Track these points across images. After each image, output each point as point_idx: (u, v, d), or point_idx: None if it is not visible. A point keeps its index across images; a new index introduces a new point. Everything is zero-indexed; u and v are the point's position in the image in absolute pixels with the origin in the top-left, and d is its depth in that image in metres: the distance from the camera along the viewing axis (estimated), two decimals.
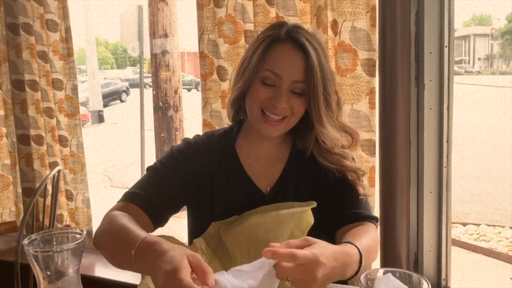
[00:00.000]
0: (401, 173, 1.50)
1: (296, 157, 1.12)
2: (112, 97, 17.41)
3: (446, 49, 1.42)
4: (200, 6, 1.75)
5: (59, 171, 1.76)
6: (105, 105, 14.97)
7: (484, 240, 4.33)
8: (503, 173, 6.40)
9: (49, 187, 2.17)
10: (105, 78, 19.96)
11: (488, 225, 4.62)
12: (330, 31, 1.56)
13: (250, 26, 1.69)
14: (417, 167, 1.50)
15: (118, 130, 11.99)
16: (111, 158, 8.66)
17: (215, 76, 1.78)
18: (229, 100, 1.10)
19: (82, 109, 12.89)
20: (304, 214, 0.92)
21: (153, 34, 5.62)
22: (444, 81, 1.43)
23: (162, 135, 5.90)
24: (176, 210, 1.08)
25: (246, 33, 1.70)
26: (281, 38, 1.01)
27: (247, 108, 1.06)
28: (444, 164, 1.47)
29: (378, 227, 1.12)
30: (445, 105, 1.44)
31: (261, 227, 0.89)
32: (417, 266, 1.53)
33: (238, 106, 1.10)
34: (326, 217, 1.02)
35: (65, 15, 2.13)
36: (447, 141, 1.46)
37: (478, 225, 4.63)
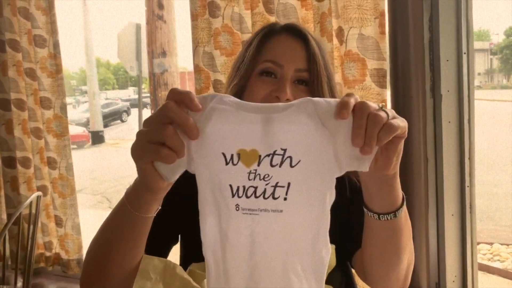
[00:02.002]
0: (418, 194, 1.36)
1: None
2: (113, 117, 17.36)
3: (464, 56, 1.29)
4: (194, 17, 1.64)
5: (38, 197, 1.61)
6: (106, 125, 14.90)
7: (498, 260, 4.13)
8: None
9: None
10: (106, 99, 19.98)
11: (502, 244, 4.42)
12: (335, 40, 1.43)
13: (248, 37, 1.57)
14: (436, 187, 1.35)
15: (118, 150, 11.88)
16: (111, 179, 8.52)
17: (211, 91, 1.65)
18: None
19: (83, 130, 12.83)
20: None
21: (151, 53, 5.55)
22: (464, 91, 1.30)
23: None
24: (176, 241, 0.94)
25: (241, 48, 1.58)
26: (277, 30, 0.89)
27: None
28: (467, 183, 1.32)
29: None
30: (466, 118, 1.30)
31: None
32: None
33: None
34: (342, 238, 0.84)
35: (53, 30, 2.02)
36: (469, 158, 1.31)
37: (491, 244, 4.43)
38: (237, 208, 0.53)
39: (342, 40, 1.41)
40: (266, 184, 0.52)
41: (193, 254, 0.89)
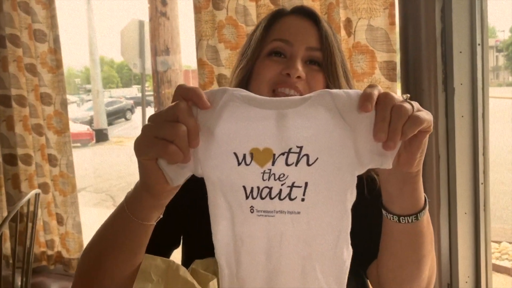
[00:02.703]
0: (430, 192, 1.30)
1: None
2: (117, 115, 17.36)
3: (479, 48, 1.24)
4: (197, 9, 1.59)
5: (36, 195, 1.57)
6: (110, 124, 14.91)
7: (507, 259, 4.07)
8: None
9: (39, 211, 1.99)
10: (110, 97, 19.99)
11: (510, 243, 4.36)
12: (343, 31, 1.38)
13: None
14: (448, 184, 1.30)
15: (122, 149, 11.88)
16: (115, 177, 8.51)
17: (215, 86, 1.60)
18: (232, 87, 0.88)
19: (87, 128, 12.83)
20: None
21: (154, 50, 5.51)
22: (478, 84, 1.24)
23: None
24: (178, 244, 0.89)
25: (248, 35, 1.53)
26: (285, 12, 0.83)
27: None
28: (481, 180, 1.27)
29: None
30: (480, 112, 1.25)
31: None
32: None
33: None
34: (359, 244, 0.77)
35: (53, 25, 1.98)
36: (484, 154, 1.26)
37: (499, 242, 4.37)
38: (252, 210, 0.50)
39: (350, 32, 1.36)
40: (282, 184, 0.49)
41: (196, 256, 0.84)
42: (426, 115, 0.48)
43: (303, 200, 0.49)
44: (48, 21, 1.98)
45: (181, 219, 0.89)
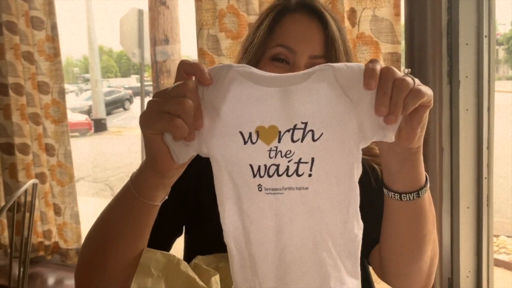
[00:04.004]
0: (432, 186, 1.28)
1: None
2: (115, 105, 17.29)
3: (485, 40, 1.21)
4: None
5: (34, 185, 1.55)
6: (108, 113, 14.85)
7: (504, 252, 4.08)
8: None
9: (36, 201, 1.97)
10: (109, 87, 19.89)
11: (508, 236, 4.37)
12: (347, 22, 1.35)
13: (255, 19, 1.49)
14: (451, 178, 1.28)
15: (121, 138, 11.85)
16: (113, 167, 8.50)
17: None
18: None
19: (85, 117, 12.78)
20: None
21: (154, 40, 5.46)
22: (484, 77, 1.22)
23: None
24: (180, 233, 0.88)
25: (250, 27, 1.50)
26: (292, 7, 0.80)
27: None
28: (484, 174, 1.25)
29: None
30: (485, 105, 1.23)
31: None
32: None
33: None
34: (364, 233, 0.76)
35: (51, 12, 1.95)
36: (488, 148, 1.24)
37: (497, 236, 4.38)
38: (260, 189, 0.50)
39: (354, 22, 1.34)
40: (289, 161, 0.49)
41: (199, 248, 0.83)
42: (427, 89, 0.49)
43: (310, 175, 0.49)
44: (46, 8, 1.95)
45: (185, 204, 0.87)
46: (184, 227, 0.91)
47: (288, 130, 0.49)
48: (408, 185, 0.59)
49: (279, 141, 0.49)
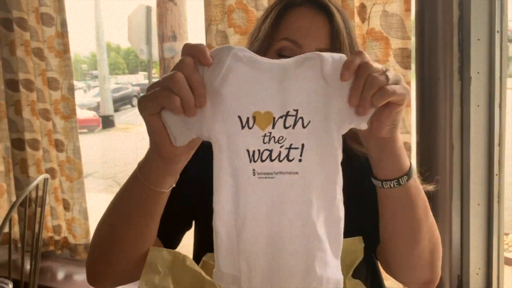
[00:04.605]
0: (443, 182, 1.28)
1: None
2: (123, 102, 17.38)
3: (497, 35, 1.20)
4: None
5: (45, 180, 1.57)
6: (116, 110, 14.93)
7: None
8: None
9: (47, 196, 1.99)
10: (117, 83, 19.99)
11: None
12: (357, 17, 1.34)
13: None
14: (461, 175, 1.27)
15: (128, 135, 11.91)
16: (121, 163, 8.54)
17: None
18: None
19: (93, 114, 12.86)
20: (354, 245, 0.70)
21: (161, 36, 5.46)
22: (496, 73, 1.21)
23: None
24: (189, 226, 0.89)
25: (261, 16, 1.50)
26: (297, 1, 0.79)
27: None
28: (495, 171, 1.24)
29: None
30: (497, 102, 1.22)
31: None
32: None
33: None
34: (367, 227, 0.76)
35: (60, 8, 1.96)
36: (500, 145, 1.23)
37: (507, 234, 4.34)
38: (254, 173, 0.52)
39: (364, 18, 1.33)
40: (281, 147, 0.51)
41: (209, 243, 0.83)
42: (399, 89, 0.52)
43: (300, 161, 0.51)
44: (56, 4, 1.96)
45: (193, 196, 0.87)
46: (194, 222, 0.91)
47: (281, 117, 0.51)
48: (388, 174, 0.62)
49: (273, 127, 0.51)
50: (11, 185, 2.22)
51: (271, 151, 0.51)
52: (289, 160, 0.51)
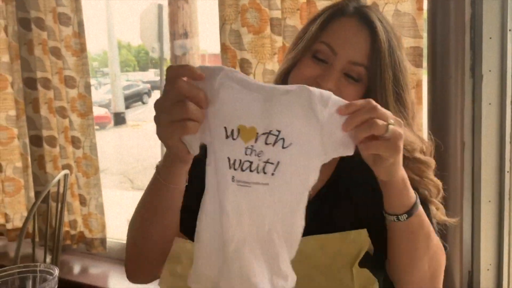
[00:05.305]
0: (454, 179, 1.29)
1: (350, 159, 0.85)
2: (134, 99, 17.50)
3: (509, 33, 1.21)
4: None
5: (65, 175, 1.61)
6: (127, 107, 15.05)
7: None
8: None
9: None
10: (127, 80, 20.12)
11: None
12: None
13: (276, 14, 1.51)
14: (472, 172, 1.29)
15: (139, 132, 12.01)
16: (133, 160, 8.63)
17: (238, 70, 1.60)
18: (276, 74, 0.90)
19: (105, 111, 12.98)
20: (358, 236, 0.72)
21: (173, 34, 5.50)
22: (508, 70, 1.22)
23: None
24: None
25: (272, 22, 1.52)
26: (348, 11, 0.81)
27: None
28: (507, 168, 1.25)
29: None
30: (509, 100, 1.23)
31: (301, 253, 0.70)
32: (471, 287, 1.32)
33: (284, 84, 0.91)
34: (383, 241, 0.78)
35: (77, 8, 2.00)
36: (511, 142, 1.24)
37: None
38: (233, 180, 0.58)
39: None
40: (259, 160, 0.58)
41: None
42: (389, 146, 0.59)
43: (273, 174, 0.58)
44: (73, 4, 2.00)
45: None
46: None
47: (264, 133, 0.57)
48: (390, 209, 0.70)
49: (255, 141, 0.57)
50: (28, 181, 2.28)
51: (251, 162, 0.58)
52: (264, 173, 0.58)
